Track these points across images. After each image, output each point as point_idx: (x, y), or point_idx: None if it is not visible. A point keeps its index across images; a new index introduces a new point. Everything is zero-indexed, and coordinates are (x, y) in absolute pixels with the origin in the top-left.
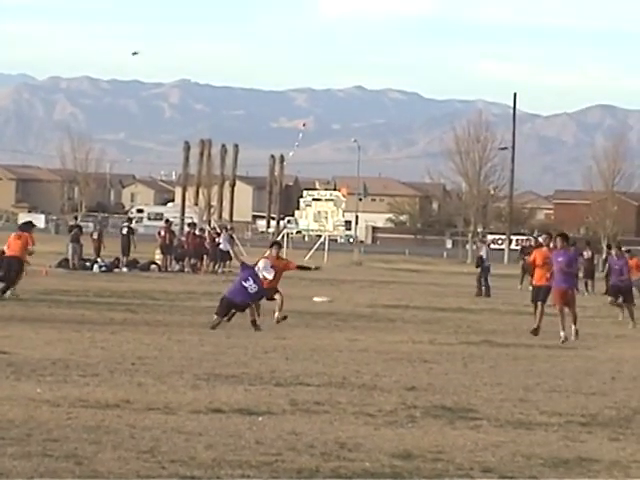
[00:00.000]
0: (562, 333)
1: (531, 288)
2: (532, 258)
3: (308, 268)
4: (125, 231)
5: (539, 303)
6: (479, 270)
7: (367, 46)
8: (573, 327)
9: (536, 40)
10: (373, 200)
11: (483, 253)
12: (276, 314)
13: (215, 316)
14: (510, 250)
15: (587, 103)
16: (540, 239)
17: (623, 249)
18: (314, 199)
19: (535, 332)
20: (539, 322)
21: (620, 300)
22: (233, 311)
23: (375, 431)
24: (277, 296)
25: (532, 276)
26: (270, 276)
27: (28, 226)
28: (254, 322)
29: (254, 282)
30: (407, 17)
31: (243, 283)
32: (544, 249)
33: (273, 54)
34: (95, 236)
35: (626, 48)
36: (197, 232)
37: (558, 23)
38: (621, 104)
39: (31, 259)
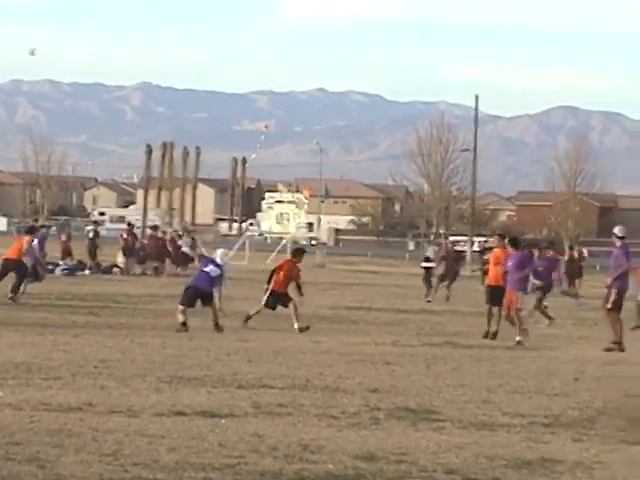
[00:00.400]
0: (518, 337)
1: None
2: (490, 262)
3: (300, 292)
4: (92, 234)
5: (495, 308)
6: (425, 271)
7: (329, 48)
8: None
9: (498, 42)
10: (335, 202)
11: (430, 254)
12: (295, 325)
13: (180, 306)
14: (472, 252)
15: (549, 104)
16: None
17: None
18: (276, 201)
19: (493, 336)
20: (497, 325)
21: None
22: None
23: (338, 433)
24: (290, 305)
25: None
26: (226, 266)
27: (29, 230)
28: (217, 324)
29: (215, 267)
30: (369, 19)
31: (204, 269)
32: (497, 250)
33: (235, 56)
34: (64, 238)
35: (588, 49)
36: (159, 235)
37: (519, 24)
38: (583, 105)
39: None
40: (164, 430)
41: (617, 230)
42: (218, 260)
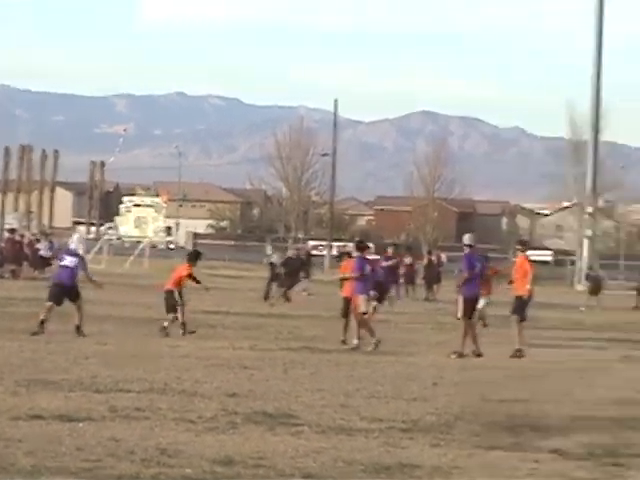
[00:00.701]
0: (354, 341)
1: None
2: (342, 269)
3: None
4: None
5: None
6: (269, 275)
7: (188, 51)
8: (356, 336)
9: (358, 46)
10: (194, 206)
11: (274, 259)
12: (165, 323)
13: (47, 303)
14: (331, 256)
15: (409, 109)
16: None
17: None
18: (134, 205)
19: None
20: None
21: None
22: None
23: (196, 437)
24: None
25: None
26: (81, 251)
27: None
28: (78, 327)
29: (71, 256)
30: (227, 22)
31: (61, 263)
32: (352, 259)
33: (93, 59)
34: None
35: (445, 54)
36: (17, 238)
37: (380, 29)
38: (442, 110)
39: None
40: (21, 434)
41: (466, 238)
42: (72, 247)
